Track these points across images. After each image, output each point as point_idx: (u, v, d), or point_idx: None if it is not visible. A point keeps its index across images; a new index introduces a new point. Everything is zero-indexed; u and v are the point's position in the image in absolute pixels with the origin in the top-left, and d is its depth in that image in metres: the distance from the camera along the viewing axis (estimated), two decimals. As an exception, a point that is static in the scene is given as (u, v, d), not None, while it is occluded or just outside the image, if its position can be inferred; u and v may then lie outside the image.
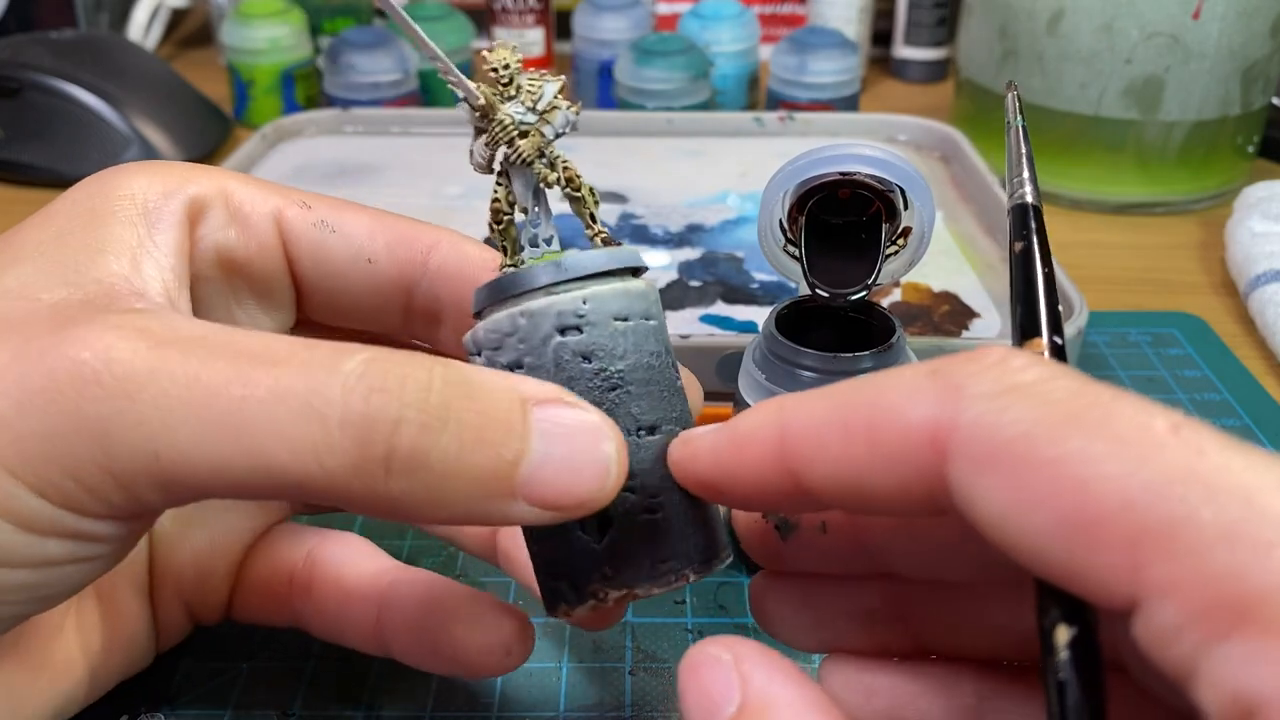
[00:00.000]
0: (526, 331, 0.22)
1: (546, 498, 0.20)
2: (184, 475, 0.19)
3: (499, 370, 0.22)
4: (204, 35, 0.91)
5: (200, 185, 0.26)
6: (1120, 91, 0.57)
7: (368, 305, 0.28)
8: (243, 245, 0.26)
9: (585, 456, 0.20)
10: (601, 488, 0.21)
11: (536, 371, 0.23)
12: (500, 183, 0.24)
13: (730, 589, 0.34)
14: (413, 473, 0.19)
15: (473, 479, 0.20)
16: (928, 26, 0.80)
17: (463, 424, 0.19)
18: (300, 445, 0.19)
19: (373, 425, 0.19)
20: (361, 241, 0.27)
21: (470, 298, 0.25)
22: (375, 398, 0.19)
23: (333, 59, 0.68)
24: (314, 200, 0.27)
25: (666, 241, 0.50)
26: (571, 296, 0.23)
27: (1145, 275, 0.54)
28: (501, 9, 0.77)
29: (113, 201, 0.24)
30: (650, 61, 0.66)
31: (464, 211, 0.53)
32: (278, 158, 0.58)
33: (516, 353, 0.23)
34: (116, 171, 0.25)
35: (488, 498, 0.20)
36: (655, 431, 0.23)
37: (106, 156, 0.63)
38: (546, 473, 0.20)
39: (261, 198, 0.27)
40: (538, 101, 0.24)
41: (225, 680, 0.30)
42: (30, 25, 0.79)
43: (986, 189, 0.52)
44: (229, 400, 0.19)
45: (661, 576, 0.23)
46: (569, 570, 0.23)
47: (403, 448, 0.19)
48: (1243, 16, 0.55)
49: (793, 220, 0.33)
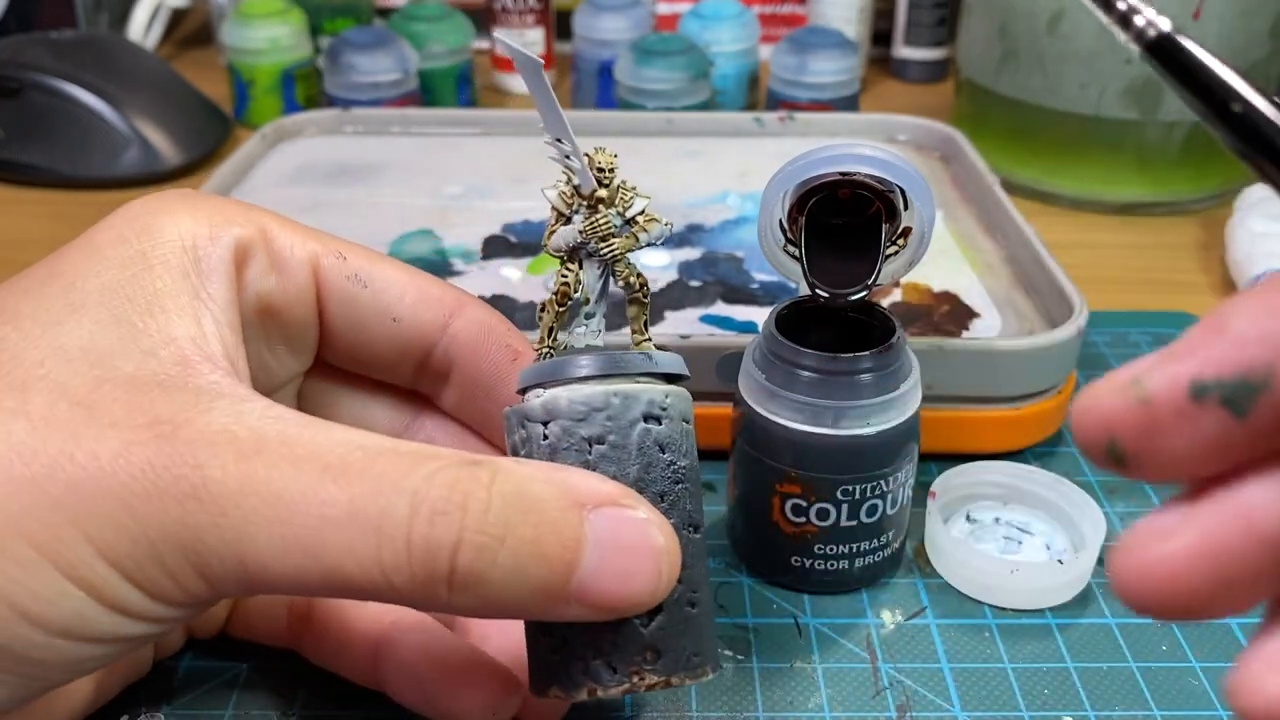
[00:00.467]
0: (617, 410, 0.24)
1: (600, 601, 0.22)
2: (264, 580, 0.21)
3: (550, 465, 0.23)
4: (204, 35, 0.91)
5: (242, 227, 0.26)
6: (1120, 91, 0.57)
7: (385, 359, 0.29)
8: (281, 292, 0.27)
9: (639, 563, 0.22)
10: (654, 592, 0.22)
11: (619, 450, 0.24)
12: (570, 269, 0.26)
13: (730, 589, 0.34)
14: (472, 588, 0.21)
15: (529, 590, 0.21)
16: (928, 26, 0.80)
17: (519, 540, 0.21)
18: (369, 563, 0.21)
19: (436, 548, 0.21)
20: (390, 300, 0.28)
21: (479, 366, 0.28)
22: (438, 520, 0.21)
23: (333, 59, 0.68)
24: (349, 250, 0.28)
25: (666, 241, 0.50)
26: (659, 389, 0.24)
27: (1145, 275, 0.54)
28: (501, 9, 0.77)
29: (162, 248, 0.24)
30: (650, 61, 0.66)
31: (464, 211, 0.53)
32: (278, 158, 0.58)
33: (602, 429, 0.24)
34: (158, 208, 0.25)
35: (543, 603, 0.22)
36: (698, 530, 0.25)
37: (106, 156, 0.63)
38: (601, 580, 0.22)
39: (299, 243, 0.27)
40: (627, 209, 0.26)
41: (225, 680, 0.30)
42: (30, 25, 0.79)
43: (986, 189, 0.52)
44: (307, 519, 0.21)
45: (694, 669, 0.24)
46: (612, 650, 0.24)
47: (463, 567, 0.21)
48: (1243, 16, 0.55)
49: (793, 220, 0.33)
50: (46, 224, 0.60)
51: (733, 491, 0.35)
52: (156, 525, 0.21)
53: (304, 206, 0.53)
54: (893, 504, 0.33)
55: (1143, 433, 0.16)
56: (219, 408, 0.22)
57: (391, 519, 0.21)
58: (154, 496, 0.21)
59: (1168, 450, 0.16)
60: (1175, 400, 0.16)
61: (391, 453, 0.22)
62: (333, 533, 0.21)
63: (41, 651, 0.21)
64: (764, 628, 0.32)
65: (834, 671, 0.31)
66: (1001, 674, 0.31)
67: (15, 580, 0.20)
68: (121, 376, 0.22)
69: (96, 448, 0.21)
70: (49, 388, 0.22)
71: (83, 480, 0.21)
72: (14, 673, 0.21)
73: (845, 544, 0.33)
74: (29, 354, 0.22)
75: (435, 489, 0.21)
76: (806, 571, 0.33)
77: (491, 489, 0.21)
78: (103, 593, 0.21)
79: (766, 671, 0.31)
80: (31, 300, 0.23)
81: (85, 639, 0.21)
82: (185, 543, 0.21)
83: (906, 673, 0.31)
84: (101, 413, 0.21)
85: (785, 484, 0.32)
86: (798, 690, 0.30)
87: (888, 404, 0.31)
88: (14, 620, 0.20)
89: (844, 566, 0.33)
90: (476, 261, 0.48)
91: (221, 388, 0.23)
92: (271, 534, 0.21)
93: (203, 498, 0.21)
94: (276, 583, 0.21)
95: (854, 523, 0.32)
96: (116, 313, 0.23)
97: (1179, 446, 0.16)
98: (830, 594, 0.34)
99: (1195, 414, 0.16)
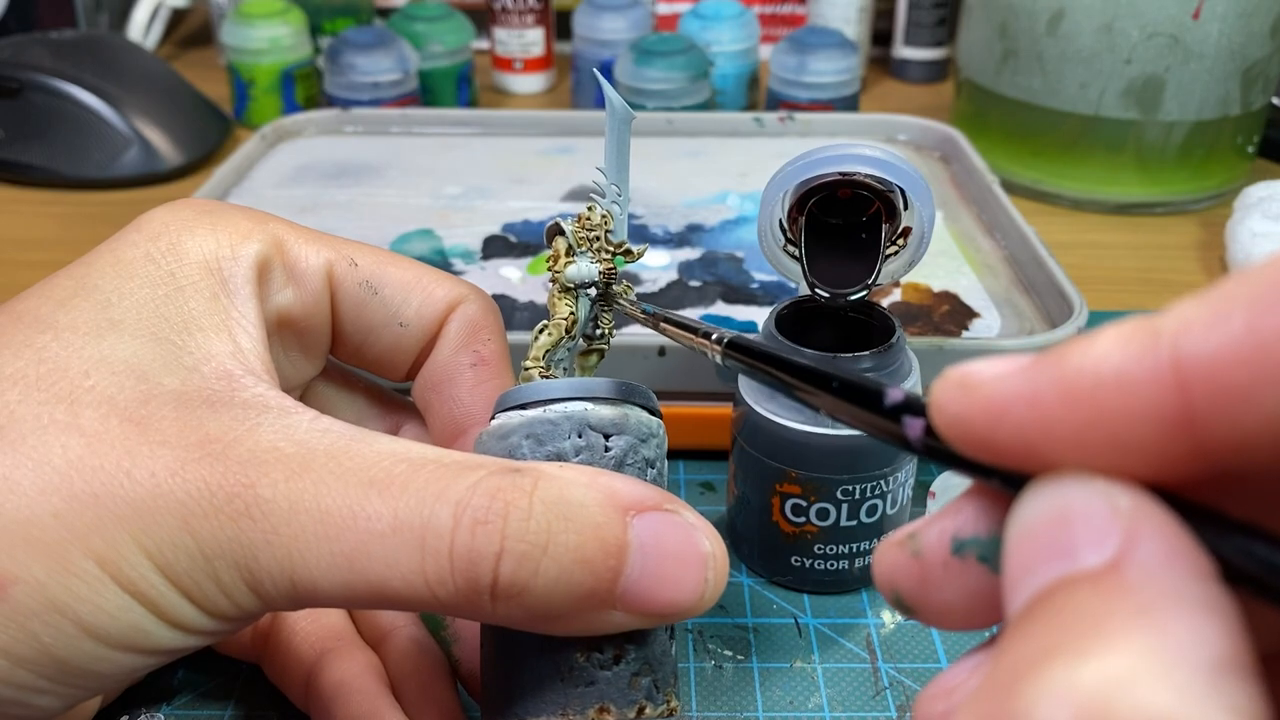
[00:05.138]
0: (662, 439, 0.25)
1: (647, 608, 0.22)
2: (312, 594, 0.22)
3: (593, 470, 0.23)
4: (204, 35, 0.91)
5: (259, 241, 0.26)
6: (1120, 91, 0.57)
7: (388, 360, 0.29)
8: (299, 303, 0.27)
9: (686, 568, 0.22)
10: (701, 598, 0.22)
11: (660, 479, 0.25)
12: (572, 301, 0.28)
13: (730, 589, 0.34)
14: (516, 597, 0.21)
15: (575, 597, 0.21)
16: (928, 26, 0.80)
17: (562, 547, 0.21)
18: (413, 576, 0.21)
19: (479, 559, 0.21)
20: (398, 305, 0.28)
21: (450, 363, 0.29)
22: (480, 531, 0.21)
23: (333, 59, 0.68)
24: (360, 254, 0.28)
25: (666, 241, 0.50)
26: (655, 422, 0.25)
27: (1145, 275, 0.54)
28: (501, 9, 0.77)
29: (189, 268, 0.25)
30: (650, 61, 0.66)
31: (464, 211, 0.53)
32: (278, 158, 0.58)
33: (655, 453, 0.25)
34: (181, 227, 0.26)
35: (587, 611, 0.22)
36: None
37: (106, 156, 0.63)
38: (645, 585, 0.21)
39: (314, 252, 0.28)
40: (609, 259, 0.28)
41: (225, 680, 0.30)
42: (30, 25, 0.79)
43: (986, 189, 0.52)
44: (354, 535, 0.21)
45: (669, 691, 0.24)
46: (657, 667, 0.24)
47: (505, 576, 0.21)
48: (1243, 16, 0.55)
49: (793, 220, 0.33)
50: (46, 224, 0.60)
51: (733, 491, 0.35)
52: (212, 542, 0.21)
53: (304, 206, 0.53)
54: (893, 504, 0.33)
55: (917, 585, 0.17)
56: (266, 423, 0.22)
57: (434, 531, 0.21)
58: (210, 515, 0.21)
59: (941, 601, 0.16)
60: (941, 556, 0.16)
61: (435, 464, 0.22)
62: (378, 547, 0.21)
63: (99, 664, 0.21)
64: (764, 628, 0.32)
65: (834, 671, 0.31)
66: (1001, 674, 0.31)
67: (79, 596, 0.21)
68: (168, 393, 0.22)
69: (153, 466, 0.21)
70: (98, 401, 0.22)
71: (142, 498, 0.21)
72: (72, 685, 0.22)
73: (845, 544, 0.33)
74: (73, 365, 0.22)
75: (477, 498, 0.21)
76: (806, 571, 0.33)
77: (533, 496, 0.21)
78: (160, 607, 0.21)
79: (766, 671, 0.31)
80: (69, 312, 0.23)
81: (140, 651, 0.22)
82: (239, 560, 0.21)
83: (906, 673, 0.31)
84: (153, 430, 0.22)
85: (785, 484, 0.32)
86: (798, 690, 0.30)
87: (888, 404, 0.31)
88: (77, 635, 0.21)
89: (844, 566, 0.33)
90: (476, 261, 0.48)
91: (267, 400, 0.23)
92: (320, 551, 0.21)
93: (255, 516, 0.21)
94: (325, 597, 0.22)
95: (854, 523, 0.32)
96: (155, 331, 0.23)
97: (949, 598, 0.16)
98: (830, 594, 0.34)
99: (960, 569, 0.16)
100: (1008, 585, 0.14)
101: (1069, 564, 0.13)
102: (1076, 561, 0.13)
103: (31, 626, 0.20)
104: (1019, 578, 0.13)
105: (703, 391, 0.39)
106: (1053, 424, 0.14)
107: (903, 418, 0.17)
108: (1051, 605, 0.13)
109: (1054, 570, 0.13)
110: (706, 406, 0.38)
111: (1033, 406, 0.14)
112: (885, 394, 0.17)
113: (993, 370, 0.15)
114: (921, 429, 0.16)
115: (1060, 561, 0.13)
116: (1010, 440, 0.14)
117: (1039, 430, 0.14)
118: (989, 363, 0.15)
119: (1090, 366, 0.14)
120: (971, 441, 0.15)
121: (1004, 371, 0.14)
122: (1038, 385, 0.14)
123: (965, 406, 0.15)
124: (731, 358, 0.25)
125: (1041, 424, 0.14)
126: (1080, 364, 0.14)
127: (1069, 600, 0.13)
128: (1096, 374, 0.13)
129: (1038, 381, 0.14)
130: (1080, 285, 0.41)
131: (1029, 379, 0.14)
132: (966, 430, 0.15)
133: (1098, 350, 0.14)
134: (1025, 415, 0.14)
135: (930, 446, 0.16)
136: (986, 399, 0.14)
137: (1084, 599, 0.12)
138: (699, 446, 0.39)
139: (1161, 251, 0.56)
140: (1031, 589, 0.13)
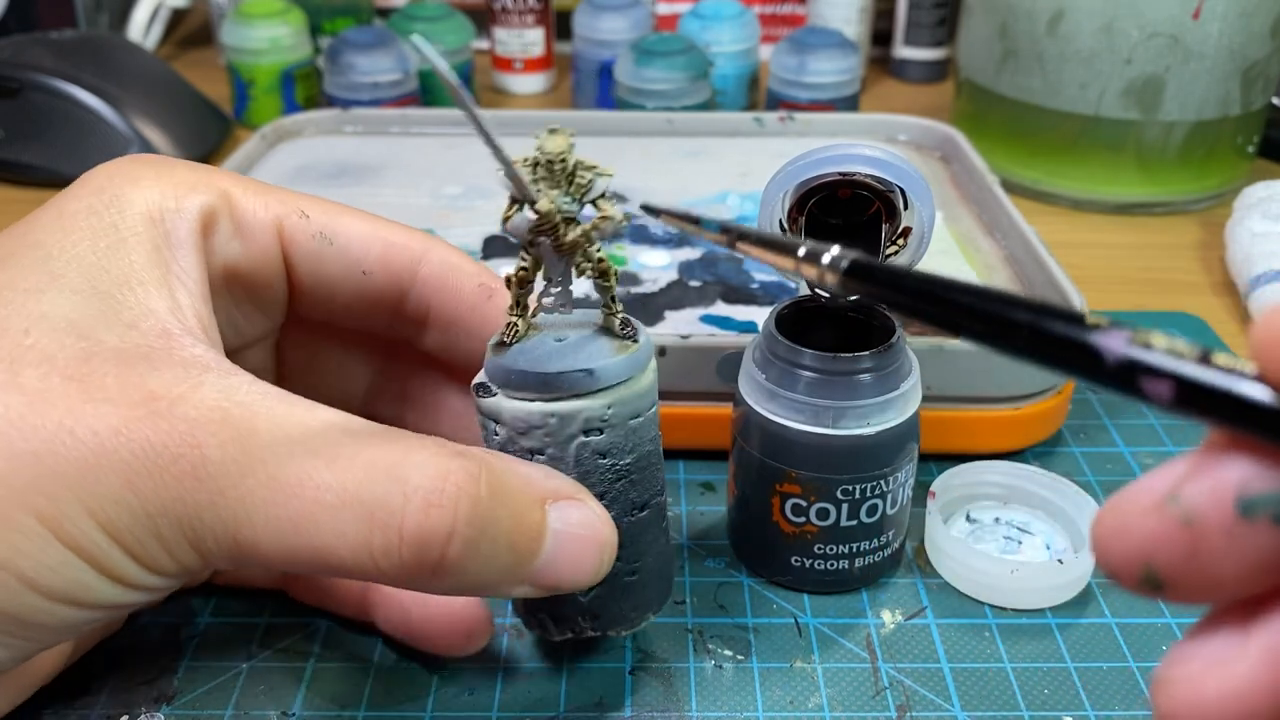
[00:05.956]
0: (554, 429, 0.25)
1: (549, 584, 0.24)
2: (255, 555, 0.22)
3: (516, 459, 0.25)
4: (204, 35, 0.91)
5: (205, 194, 0.26)
6: (1120, 91, 0.57)
7: (359, 310, 0.30)
8: (246, 257, 0.27)
9: (586, 554, 0.24)
10: (594, 576, 0.25)
11: (556, 463, 0.26)
12: (529, 254, 0.25)
13: (730, 589, 0.34)
14: (453, 574, 0.23)
15: (496, 575, 0.23)
16: (928, 26, 0.80)
17: (499, 530, 0.23)
18: (359, 547, 0.22)
19: (429, 537, 0.22)
20: (357, 254, 0.29)
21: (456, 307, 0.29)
22: (433, 513, 0.22)
23: (333, 59, 0.68)
24: (311, 206, 0.28)
25: (666, 241, 0.50)
26: (599, 404, 0.25)
27: (1145, 275, 0.54)
28: (501, 9, 0.77)
29: (131, 220, 0.25)
30: (650, 61, 0.66)
31: (464, 211, 0.53)
32: (278, 158, 0.58)
33: (540, 443, 0.25)
34: (125, 178, 0.26)
35: (501, 586, 0.24)
36: (645, 508, 0.27)
37: (106, 156, 0.62)
38: (554, 567, 0.24)
39: (262, 205, 0.28)
40: (585, 194, 0.24)
41: (225, 680, 0.30)
42: (30, 25, 0.79)
43: (986, 189, 0.52)
44: (301, 503, 0.22)
45: (631, 622, 0.28)
46: (556, 610, 0.28)
47: (451, 556, 0.22)
48: (1243, 16, 0.55)
49: (793, 220, 0.33)
50: (46, 224, 0.60)
51: (733, 491, 0.35)
52: (156, 501, 0.22)
53: (304, 206, 0.53)
54: (893, 504, 0.33)
55: (1187, 557, 0.14)
56: (208, 382, 0.23)
57: (385, 508, 0.22)
58: (154, 474, 0.21)
59: (1215, 574, 0.14)
60: (1223, 520, 0.13)
61: (380, 438, 0.23)
62: (326, 517, 0.22)
63: (43, 616, 0.22)
64: (764, 628, 0.32)
65: (834, 671, 0.31)
66: (1001, 674, 0.31)
67: (21, 551, 0.21)
68: (108, 350, 0.23)
69: (95, 424, 0.21)
70: (38, 359, 0.22)
71: (84, 456, 0.21)
72: (16, 636, 0.22)
73: (845, 544, 0.33)
74: (13, 323, 0.23)
75: (428, 480, 0.22)
76: (806, 571, 0.33)
77: (480, 482, 0.22)
78: (102, 563, 0.22)
79: (766, 671, 0.31)
80: (10, 268, 0.24)
81: (83, 605, 0.22)
82: (182, 518, 0.22)
83: (906, 673, 0.31)
84: (94, 387, 0.22)
85: (785, 484, 0.32)
86: (798, 690, 0.30)
87: (888, 404, 0.31)
88: (19, 589, 0.21)
89: (844, 566, 0.33)
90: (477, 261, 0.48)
91: (206, 360, 0.23)
92: (267, 515, 0.22)
93: (201, 477, 0.22)
94: (266, 558, 0.22)
95: (854, 523, 0.32)
96: (96, 284, 0.24)
97: (1228, 570, 0.14)
98: (830, 594, 0.34)
99: (1247, 534, 0.13)
100: None
101: None
102: None
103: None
104: None
105: (703, 391, 0.39)
106: None
107: (1140, 380, 0.14)
108: None
109: None
110: (706, 406, 0.38)
111: None
112: (1101, 350, 0.14)
113: None
114: (1171, 390, 0.13)
115: None
116: None
117: None
118: None
119: None
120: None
121: None
122: None
123: None
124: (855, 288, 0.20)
125: None
126: None
127: None
128: None
129: None
130: (1080, 285, 0.41)
131: None
132: None
133: None
134: None
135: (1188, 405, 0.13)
136: None
137: None
138: (699, 446, 0.39)
139: (1161, 251, 0.56)
140: None
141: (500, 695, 0.30)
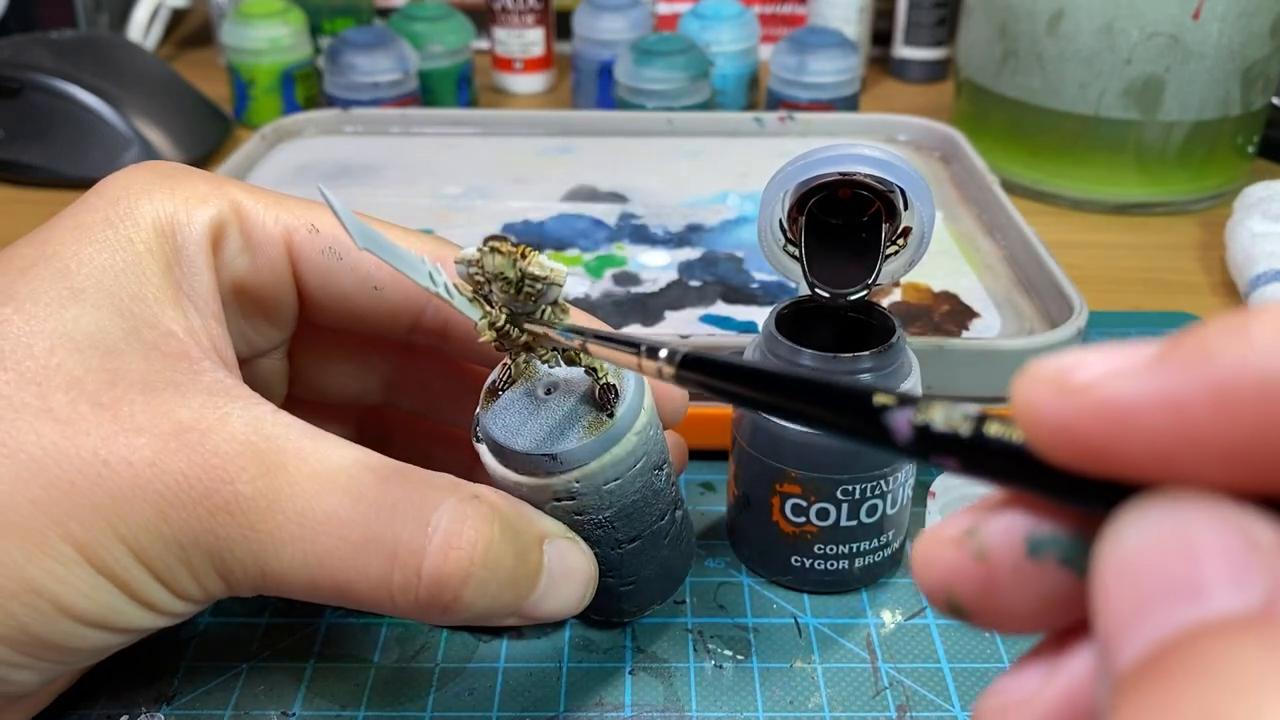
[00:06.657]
0: (528, 494, 0.26)
1: (537, 617, 0.26)
2: (280, 586, 0.23)
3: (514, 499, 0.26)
4: (204, 35, 0.91)
5: (214, 205, 0.26)
6: (1120, 91, 0.57)
7: (374, 323, 0.29)
8: (255, 272, 0.27)
9: (573, 591, 0.26)
10: (577, 609, 0.26)
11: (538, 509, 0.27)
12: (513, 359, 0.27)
13: (730, 589, 0.34)
14: (462, 611, 0.24)
15: (497, 610, 0.25)
16: (928, 26, 0.80)
17: (505, 570, 0.24)
18: (378, 584, 0.23)
19: (446, 579, 0.23)
20: (368, 269, 0.28)
21: None
22: (452, 555, 0.23)
23: (333, 59, 0.68)
24: (322, 220, 0.28)
25: (666, 241, 0.50)
26: (565, 480, 0.26)
27: (1145, 275, 0.54)
28: (501, 9, 0.77)
29: (144, 233, 0.25)
30: (650, 61, 0.66)
31: (464, 211, 0.53)
32: (278, 158, 0.58)
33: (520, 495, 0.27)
34: (138, 190, 0.26)
35: (495, 618, 0.25)
36: (636, 540, 0.28)
37: (106, 156, 0.63)
38: (544, 603, 0.25)
39: (271, 219, 0.27)
40: (536, 302, 0.25)
41: (225, 680, 0.30)
42: (30, 25, 0.79)
43: (986, 189, 0.52)
44: (327, 540, 0.23)
45: (628, 617, 0.31)
46: None
47: (464, 597, 0.23)
48: (1243, 16, 0.55)
49: (793, 220, 0.33)
50: (46, 224, 0.60)
51: (733, 491, 0.35)
52: (188, 532, 0.22)
53: (304, 206, 0.53)
54: (893, 504, 0.33)
55: (982, 589, 0.14)
56: (234, 414, 0.23)
57: (406, 548, 0.23)
58: (187, 506, 0.22)
59: (1008, 607, 0.14)
60: (1013, 558, 0.14)
61: (399, 478, 0.24)
62: (350, 554, 0.23)
63: (75, 641, 0.23)
64: (764, 628, 0.32)
65: (834, 671, 0.31)
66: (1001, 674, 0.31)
67: (57, 577, 0.22)
68: (134, 375, 0.23)
69: (129, 455, 0.22)
70: (65, 383, 0.22)
71: (119, 487, 0.22)
72: (47, 659, 0.23)
73: (845, 544, 0.33)
74: (36, 342, 0.23)
75: (447, 523, 0.23)
76: (806, 571, 0.33)
77: (495, 525, 0.24)
78: (133, 590, 0.23)
79: (766, 671, 0.31)
80: (29, 281, 0.24)
81: (113, 630, 0.23)
82: (213, 550, 0.23)
83: (906, 673, 0.31)
84: (124, 416, 0.23)
85: (785, 484, 0.32)
86: (798, 690, 0.30)
87: (888, 404, 0.31)
88: (54, 614, 0.22)
89: (844, 566, 0.33)
90: (476, 261, 0.48)
91: (229, 388, 0.24)
92: (294, 550, 0.23)
93: (234, 512, 0.23)
94: (290, 589, 0.23)
95: (854, 523, 0.32)
96: (115, 302, 0.24)
97: (1019, 604, 0.14)
98: (830, 594, 0.34)
99: (1034, 571, 0.14)
100: (1110, 627, 0.11)
101: (1196, 608, 0.11)
102: (1207, 604, 0.11)
103: (10, 607, 0.22)
104: (1127, 621, 0.11)
105: (703, 391, 0.39)
106: (1202, 435, 0.11)
107: (930, 456, 0.14)
108: (1186, 662, 0.10)
109: (1177, 615, 0.11)
110: (706, 406, 0.38)
111: (1176, 413, 0.11)
112: (892, 431, 0.15)
113: (1106, 366, 0.12)
114: (957, 464, 0.14)
115: (1184, 604, 0.11)
116: (1140, 454, 0.12)
117: (1183, 443, 0.11)
118: (1093, 357, 0.12)
119: (1255, 365, 0.11)
120: (1083, 454, 0.12)
121: (1123, 368, 0.12)
122: (1180, 386, 0.11)
123: (1074, 412, 0.12)
124: (689, 379, 0.21)
125: (1188, 436, 0.11)
126: (1238, 361, 0.11)
127: (1209, 656, 0.10)
128: (1264, 374, 0.11)
129: (1178, 381, 0.11)
130: (1080, 285, 0.41)
131: (1164, 379, 0.11)
132: (1075, 440, 0.12)
133: (1261, 342, 0.11)
134: (1163, 424, 0.11)
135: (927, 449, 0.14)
136: (1104, 403, 0.12)
137: (1231, 655, 0.10)
138: (699, 446, 0.39)
139: (1161, 251, 0.56)
140: (1148, 638, 0.11)
141: (500, 695, 0.30)
